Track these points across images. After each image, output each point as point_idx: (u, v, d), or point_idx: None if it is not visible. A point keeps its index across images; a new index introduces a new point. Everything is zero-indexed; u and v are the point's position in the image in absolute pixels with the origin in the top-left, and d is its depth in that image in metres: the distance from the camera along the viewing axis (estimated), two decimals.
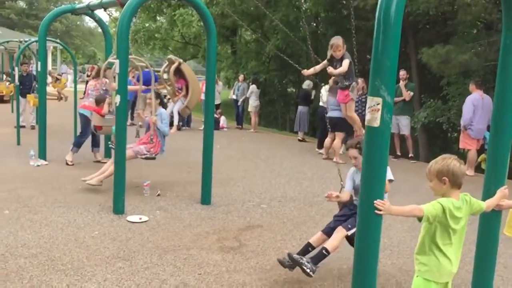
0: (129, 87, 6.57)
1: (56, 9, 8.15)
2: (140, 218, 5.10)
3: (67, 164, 7.53)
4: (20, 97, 10.27)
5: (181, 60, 7.14)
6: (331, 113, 9.65)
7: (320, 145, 10.20)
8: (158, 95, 6.68)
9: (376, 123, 2.53)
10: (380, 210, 2.57)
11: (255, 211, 5.68)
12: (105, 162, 7.85)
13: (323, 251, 3.74)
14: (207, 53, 5.85)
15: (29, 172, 6.99)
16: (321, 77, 16.09)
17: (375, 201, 2.56)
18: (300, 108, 12.23)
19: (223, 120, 13.91)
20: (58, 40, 14.04)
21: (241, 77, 14.66)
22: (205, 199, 5.84)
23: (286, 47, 15.93)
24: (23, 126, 10.55)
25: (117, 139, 5.37)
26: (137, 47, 21.23)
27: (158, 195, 6.07)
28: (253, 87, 13.64)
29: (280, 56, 16.83)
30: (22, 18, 48.13)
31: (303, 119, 12.09)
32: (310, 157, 9.64)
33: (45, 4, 49.74)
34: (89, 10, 7.43)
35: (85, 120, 7.57)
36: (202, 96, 6.63)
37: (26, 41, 12.36)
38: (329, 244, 3.78)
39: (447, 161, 2.58)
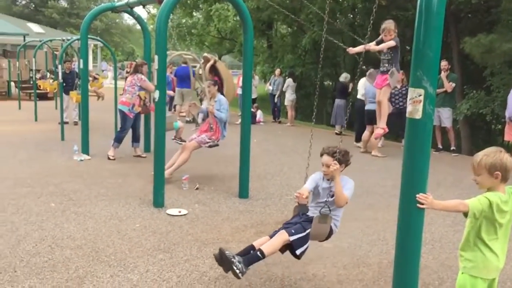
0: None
1: (96, 8, 8.34)
2: (180, 212, 5.19)
3: (108, 158, 7.73)
4: (63, 94, 10.60)
5: (216, 58, 7.21)
6: (369, 106, 9.51)
7: (358, 139, 10.07)
8: (215, 82, 6.78)
9: (418, 115, 2.47)
10: (423, 204, 2.52)
11: (293, 204, 5.61)
12: (145, 157, 8.06)
13: (258, 253, 3.41)
14: (243, 48, 5.86)
15: (73, 166, 7.22)
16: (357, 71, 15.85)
17: (417, 195, 2.51)
18: (337, 101, 12.10)
19: (259, 114, 13.93)
20: (98, 38, 14.39)
21: (277, 71, 14.62)
22: (243, 193, 5.87)
23: (325, 38, 15.76)
24: (67, 122, 10.89)
25: (156, 134, 5.46)
26: (174, 43, 21.52)
27: (197, 189, 6.15)
28: (289, 80, 13.59)
29: (316, 49, 16.74)
30: (64, 17, 49.62)
31: (340, 113, 11.96)
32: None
33: (85, 3, 51.07)
34: (128, 8, 7.57)
35: (124, 116, 7.74)
36: (239, 91, 6.66)
37: (68, 40, 12.71)
38: (266, 246, 3.44)
39: (500, 154, 2.48)
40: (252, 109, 11.52)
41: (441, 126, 9.62)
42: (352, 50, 5.54)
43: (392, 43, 5.18)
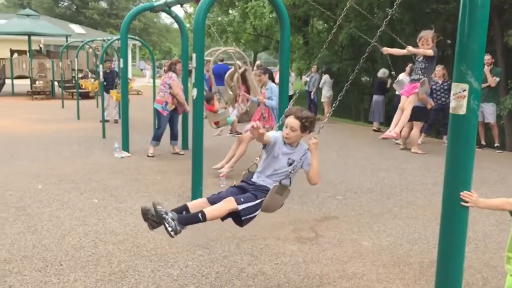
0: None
1: (136, 8, 8.50)
2: None
3: (148, 156, 7.88)
4: (104, 93, 10.88)
5: (247, 67, 7.24)
6: None
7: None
8: (266, 70, 6.84)
9: (462, 111, 2.40)
10: (467, 202, 2.45)
11: (330, 202, 5.63)
12: (183, 154, 8.18)
13: (199, 214, 3.11)
14: (280, 44, 5.85)
15: (114, 163, 7.40)
16: (396, 68, 15.53)
17: (461, 193, 2.44)
18: (375, 97, 11.92)
19: None
20: (137, 38, 14.67)
21: (314, 67, 14.52)
22: None
23: (360, 35, 15.53)
24: (108, 121, 11.17)
25: (194, 131, 5.52)
26: (210, 41, 21.70)
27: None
28: (326, 77, 13.47)
29: (353, 45, 16.52)
30: (104, 17, 50.87)
31: (378, 109, 11.77)
32: (386, 147, 9.37)
33: (124, 3, 52.18)
34: (167, 7, 7.68)
35: (158, 114, 7.90)
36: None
37: (108, 40, 13.02)
38: (210, 211, 3.14)
39: None
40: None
41: (484, 122, 9.33)
42: (387, 50, 5.43)
43: (430, 52, 5.03)
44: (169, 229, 2.95)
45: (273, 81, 6.97)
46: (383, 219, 5.06)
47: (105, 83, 10.79)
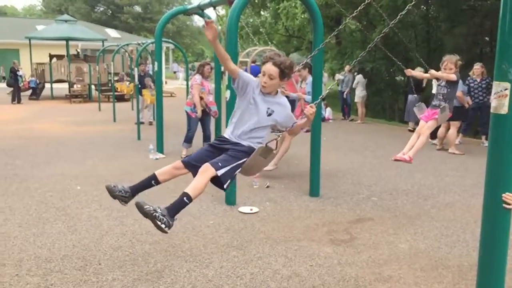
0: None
1: (170, 11, 8.62)
2: (251, 209, 5.25)
3: (181, 158, 7.97)
4: (139, 95, 11.08)
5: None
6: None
7: (433, 136, 9.67)
8: (306, 64, 6.84)
9: (504, 110, 2.33)
10: (509, 204, 2.37)
11: (365, 203, 5.56)
12: None
13: (184, 198, 2.90)
14: (313, 45, 5.82)
15: (149, 165, 7.52)
16: (432, 65, 15.20)
17: (503, 195, 2.37)
18: (410, 97, 11.70)
19: (328, 112, 13.79)
20: (171, 40, 14.89)
21: (347, 67, 14.39)
22: (314, 191, 5.84)
23: (394, 34, 15.29)
24: (143, 122, 11.38)
25: None
26: (242, 43, 21.80)
27: (267, 187, 6.19)
28: (359, 77, 13.32)
29: (387, 44, 16.23)
30: (138, 22, 51.87)
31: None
32: (422, 148, 9.16)
33: (158, 7, 53.08)
34: (200, 10, 7.76)
35: (188, 116, 8.04)
36: (308, 88, 6.63)
37: (143, 43, 13.26)
38: (192, 188, 2.92)
39: None
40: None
41: None
42: (410, 72, 5.32)
43: (453, 76, 4.86)
44: (162, 226, 2.85)
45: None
46: (420, 221, 4.96)
47: (139, 86, 11.00)
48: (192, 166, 3.15)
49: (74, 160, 7.72)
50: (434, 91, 10.00)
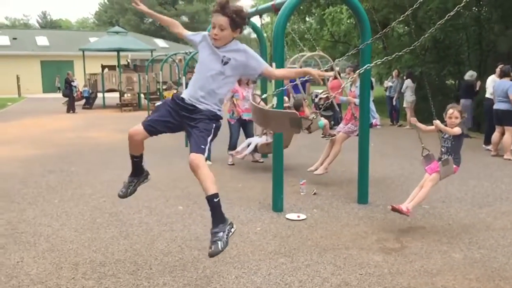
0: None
1: None
2: (298, 216, 5.22)
3: (228, 164, 8.06)
4: None
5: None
6: (498, 105, 8.83)
7: (487, 141, 9.31)
8: (356, 67, 6.81)
9: None
10: None
11: (416, 211, 5.39)
12: (262, 162, 8.27)
13: (214, 200, 2.94)
14: (361, 50, 5.74)
15: None
16: (484, 68, 14.64)
17: None
18: (462, 101, 11.31)
19: (377, 118, 13.53)
20: None
21: (394, 72, 14.11)
22: (362, 198, 5.74)
23: (444, 37, 14.89)
24: None
25: (273, 140, 5.57)
26: (287, 50, 21.83)
27: (314, 193, 6.14)
28: (408, 81, 13.03)
29: (437, 47, 15.84)
30: None
31: (466, 113, 11.16)
32: (476, 154, 8.84)
33: (204, 17, 54.09)
34: None
35: (228, 123, 8.18)
36: (358, 91, 6.55)
37: (190, 52, 13.53)
38: (208, 188, 2.90)
39: None
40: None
41: None
42: (415, 122, 5.13)
43: (457, 130, 4.61)
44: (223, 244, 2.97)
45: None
46: (475, 230, 4.77)
47: None
48: (152, 132, 3.21)
49: (125, 167, 7.89)
50: (487, 95, 9.65)
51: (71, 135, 12.12)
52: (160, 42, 40.13)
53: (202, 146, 2.93)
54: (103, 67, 22.64)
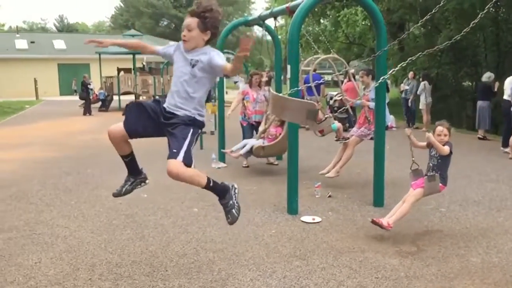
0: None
1: (231, 23, 8.77)
2: (313, 219, 5.20)
3: (243, 167, 8.07)
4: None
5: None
6: None
7: (505, 143, 9.18)
8: (369, 71, 6.76)
9: None
10: None
11: (433, 214, 5.35)
12: (277, 164, 8.26)
13: (210, 185, 3.24)
14: (376, 51, 5.71)
15: (212, 174, 7.59)
16: (502, 69, 14.45)
17: None
18: (479, 103, 11.18)
19: (391, 120, 13.42)
20: (232, 51, 15.16)
21: (410, 74, 14.00)
22: (378, 201, 5.70)
23: (461, 38, 14.71)
24: (205, 132, 11.61)
25: (289, 142, 5.56)
26: (301, 52, 21.80)
27: (329, 196, 6.12)
28: (424, 83, 12.91)
29: (454, 48, 15.69)
30: None
31: (484, 115, 11.02)
32: (494, 157, 8.72)
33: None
34: (260, 21, 7.85)
35: (241, 125, 8.25)
36: (372, 95, 6.50)
37: None
38: (195, 183, 3.18)
39: None
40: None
41: None
42: (409, 133, 5.00)
43: (446, 150, 4.42)
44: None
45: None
46: (493, 234, 4.70)
47: None
48: (132, 133, 3.30)
49: None
50: (505, 96, 9.51)
51: (87, 137, 12.26)
52: None
53: (174, 150, 3.00)
54: (119, 70, 22.86)
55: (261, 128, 7.75)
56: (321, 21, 24.04)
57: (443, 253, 4.20)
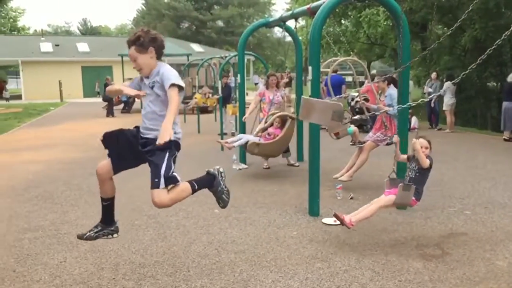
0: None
1: (253, 24, 8.78)
2: (335, 221, 5.14)
3: (263, 168, 8.07)
4: (223, 107, 11.39)
5: (294, 117, 7.50)
6: None
7: None
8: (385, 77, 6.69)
9: None
10: None
11: (457, 217, 5.26)
12: (298, 166, 8.24)
13: (195, 187, 3.43)
14: (399, 52, 5.64)
15: (232, 175, 7.68)
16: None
17: None
18: (505, 104, 10.97)
19: (414, 121, 13.28)
20: (252, 53, 15.18)
21: (433, 74, 13.80)
22: None
23: (486, 38, 14.45)
24: (226, 133, 11.67)
25: (310, 143, 5.54)
26: (322, 53, 21.71)
27: (351, 198, 6.07)
28: (447, 83, 12.72)
29: (479, 48, 15.42)
30: (220, 35, 53.51)
31: (510, 116, 10.81)
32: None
33: (239, 21, 54.45)
34: (281, 22, 7.85)
35: None
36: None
37: (226, 56, 13.64)
38: (184, 199, 3.34)
39: None
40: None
41: None
42: (396, 139, 4.88)
43: (427, 163, 4.23)
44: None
45: (396, 86, 6.77)
46: None
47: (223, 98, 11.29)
48: (117, 167, 3.37)
49: None
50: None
51: None
52: (196, 47, 40.67)
53: (156, 180, 3.10)
54: None
55: (260, 126, 7.75)
56: (342, 21, 23.91)
57: (468, 256, 4.13)
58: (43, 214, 5.59)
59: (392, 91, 6.42)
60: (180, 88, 3.05)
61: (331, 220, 5.17)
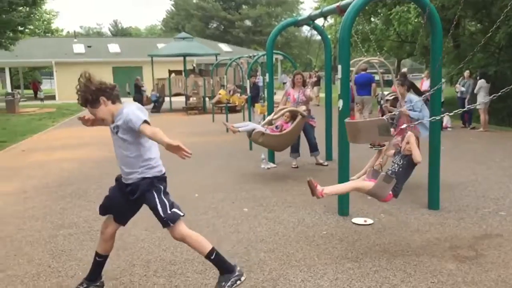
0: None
1: (281, 24, 8.76)
2: (365, 221, 5.11)
3: (292, 167, 8.05)
4: (251, 106, 11.44)
5: (305, 114, 7.48)
6: None
7: None
8: (404, 81, 6.57)
9: None
10: None
11: (492, 218, 5.12)
12: (327, 165, 8.18)
13: (211, 257, 3.33)
14: (431, 49, 5.54)
15: (261, 174, 7.70)
16: None
17: None
18: None
19: (446, 120, 12.99)
20: (281, 52, 15.17)
21: (466, 73, 13.48)
22: (433, 203, 5.52)
23: None
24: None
25: (340, 142, 5.49)
26: (351, 51, 21.49)
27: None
28: (481, 82, 12.40)
29: None
30: (248, 35, 53.64)
31: None
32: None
33: (267, 20, 54.46)
34: (310, 20, 7.81)
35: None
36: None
37: (254, 56, 13.66)
38: (197, 249, 3.33)
39: None
40: None
41: None
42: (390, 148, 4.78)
43: (419, 158, 4.25)
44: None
45: (416, 91, 6.63)
46: None
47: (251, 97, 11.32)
48: (120, 220, 3.41)
49: (191, 169, 8.16)
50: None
51: None
52: (224, 47, 40.87)
53: (165, 219, 3.16)
54: (170, 72, 23.38)
55: (269, 118, 7.71)
56: (372, 19, 23.62)
57: (503, 258, 4.02)
58: (76, 211, 5.73)
59: (412, 96, 6.28)
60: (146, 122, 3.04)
61: (361, 220, 5.12)
